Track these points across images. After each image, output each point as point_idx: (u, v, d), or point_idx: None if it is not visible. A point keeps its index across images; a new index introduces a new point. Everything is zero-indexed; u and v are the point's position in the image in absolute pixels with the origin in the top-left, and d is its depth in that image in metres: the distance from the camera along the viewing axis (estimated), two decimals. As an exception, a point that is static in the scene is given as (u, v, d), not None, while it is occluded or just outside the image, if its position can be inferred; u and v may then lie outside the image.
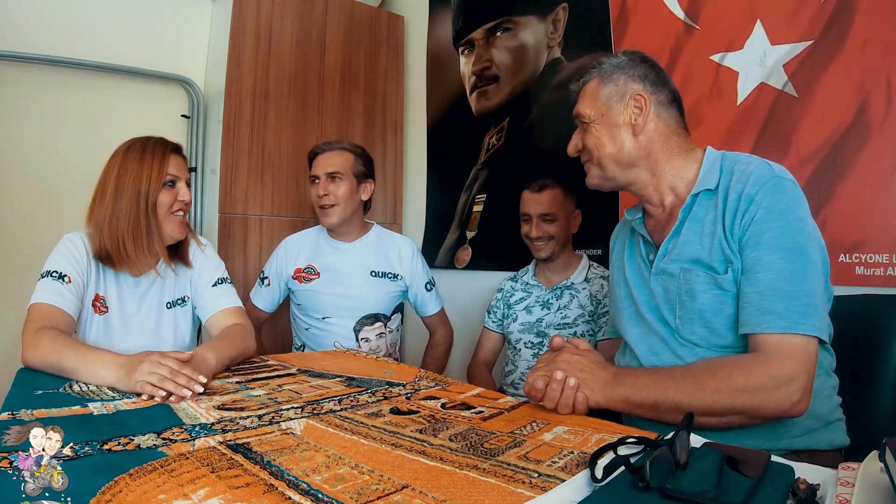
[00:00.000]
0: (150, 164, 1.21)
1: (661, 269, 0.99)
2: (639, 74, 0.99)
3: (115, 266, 1.23)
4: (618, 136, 1.00)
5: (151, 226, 1.21)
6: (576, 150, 1.07)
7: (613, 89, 1.00)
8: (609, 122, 1.00)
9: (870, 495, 0.47)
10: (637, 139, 0.99)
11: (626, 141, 0.99)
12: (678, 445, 0.56)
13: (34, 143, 2.18)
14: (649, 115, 0.98)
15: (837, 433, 0.92)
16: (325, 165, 1.74)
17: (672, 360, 0.96)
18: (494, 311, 1.85)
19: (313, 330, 1.79)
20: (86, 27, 2.29)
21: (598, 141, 1.01)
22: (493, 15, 2.28)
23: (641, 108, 0.98)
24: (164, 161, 1.23)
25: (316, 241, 1.83)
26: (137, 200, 1.19)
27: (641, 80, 0.99)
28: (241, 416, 0.80)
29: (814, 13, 1.35)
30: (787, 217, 0.86)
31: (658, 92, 0.99)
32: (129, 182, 1.19)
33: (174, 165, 1.25)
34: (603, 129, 1.01)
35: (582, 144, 1.05)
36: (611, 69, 1.01)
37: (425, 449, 0.67)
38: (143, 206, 1.20)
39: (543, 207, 1.68)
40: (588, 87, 1.04)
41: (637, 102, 0.98)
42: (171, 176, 1.24)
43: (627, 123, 0.99)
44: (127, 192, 1.19)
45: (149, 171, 1.20)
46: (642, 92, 0.98)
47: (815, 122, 1.35)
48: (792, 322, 0.82)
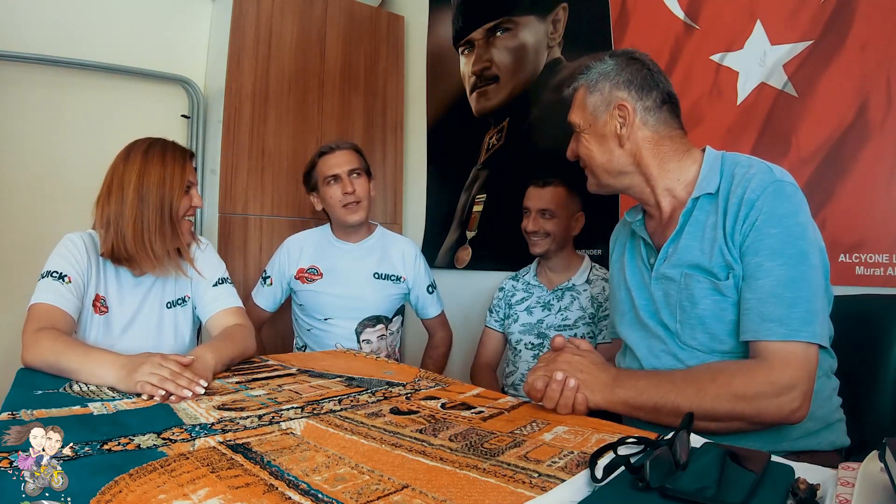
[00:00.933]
0: (172, 169, 1.22)
1: (661, 273, 0.98)
2: (624, 80, 0.98)
3: (131, 266, 1.24)
4: (605, 146, 1.00)
5: (175, 230, 1.22)
6: (573, 155, 1.07)
7: (599, 98, 1.00)
8: (597, 132, 1.00)
9: (870, 495, 0.47)
10: (624, 149, 0.99)
11: (615, 150, 0.99)
12: (678, 445, 0.56)
13: (34, 144, 2.18)
14: (634, 124, 0.97)
15: (838, 434, 0.92)
16: (344, 163, 1.73)
17: (672, 363, 0.95)
18: (496, 310, 1.84)
19: (315, 331, 1.79)
20: (86, 27, 2.29)
21: (588, 151, 1.02)
22: (493, 15, 2.28)
23: (625, 118, 0.97)
24: (185, 167, 1.24)
25: (319, 242, 1.83)
26: (161, 204, 1.20)
27: (627, 87, 0.98)
28: (241, 416, 0.80)
29: (814, 13, 1.35)
30: (788, 222, 0.86)
31: (645, 97, 0.98)
32: (154, 185, 1.19)
33: (191, 171, 1.27)
34: (592, 138, 1.01)
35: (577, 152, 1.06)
36: (596, 77, 1.01)
37: (425, 449, 0.67)
38: (168, 210, 1.21)
39: (543, 203, 1.68)
40: (577, 95, 1.04)
41: (621, 112, 0.97)
42: (189, 182, 1.25)
43: (613, 134, 0.99)
44: (151, 195, 1.19)
45: (171, 177, 1.21)
46: (626, 100, 0.97)
47: (815, 122, 1.35)
48: (792, 329, 0.82)
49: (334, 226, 1.84)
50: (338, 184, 1.72)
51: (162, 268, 1.25)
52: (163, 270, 1.26)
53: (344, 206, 1.72)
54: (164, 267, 1.25)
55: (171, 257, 1.26)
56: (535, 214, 1.69)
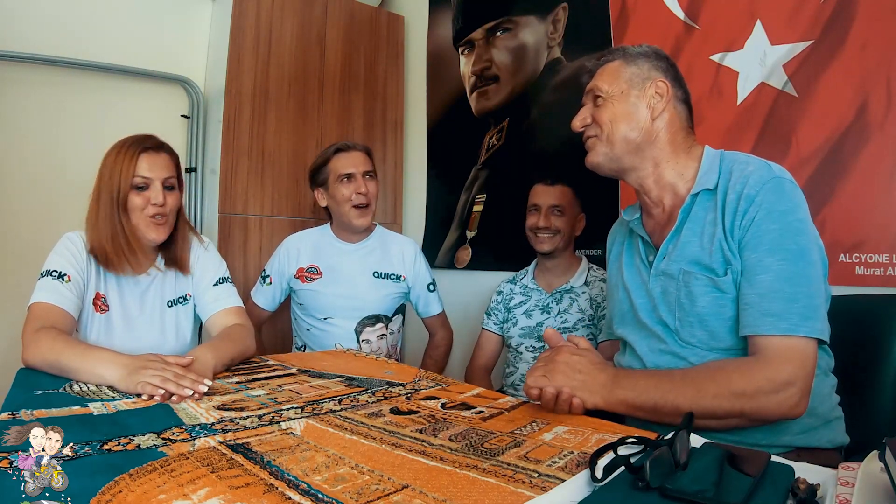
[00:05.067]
0: (120, 164, 1.18)
1: (660, 270, 0.98)
2: (662, 66, 1.01)
3: (107, 266, 1.23)
4: (634, 115, 0.99)
5: (125, 228, 1.20)
6: (583, 123, 1.05)
7: (636, 71, 1.01)
8: (628, 101, 1.00)
9: (870, 495, 0.47)
10: (653, 123, 0.99)
11: (641, 121, 0.99)
12: (678, 445, 0.56)
13: (34, 143, 2.18)
14: (669, 103, 0.99)
15: (837, 431, 0.93)
16: (360, 164, 1.73)
17: (672, 361, 0.95)
18: (494, 313, 1.84)
19: (314, 331, 1.79)
20: (86, 27, 2.29)
21: (613, 116, 1.00)
22: (493, 15, 2.28)
23: (662, 95, 0.99)
24: (133, 161, 1.18)
25: (319, 241, 1.83)
26: (111, 201, 1.18)
27: (664, 72, 1.01)
28: (241, 416, 0.80)
29: (814, 13, 1.35)
30: (788, 218, 0.86)
31: (676, 87, 1.01)
32: (105, 183, 1.19)
33: (146, 167, 1.19)
34: (620, 105, 1.00)
35: (591, 119, 1.03)
36: (635, 54, 1.02)
37: (425, 449, 0.67)
38: (116, 208, 1.18)
39: (554, 199, 1.69)
40: (610, 65, 1.04)
41: (659, 89, 0.99)
42: (142, 178, 1.19)
43: (647, 106, 0.99)
44: (104, 194, 1.18)
45: (118, 172, 1.18)
46: (665, 81, 1.00)
47: (815, 122, 1.35)
48: (792, 324, 0.82)
49: (335, 225, 1.84)
50: (351, 182, 1.72)
51: (127, 268, 1.23)
52: (135, 269, 1.24)
53: (354, 207, 1.72)
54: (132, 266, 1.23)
55: (142, 256, 1.24)
56: (546, 210, 1.69)
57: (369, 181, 1.73)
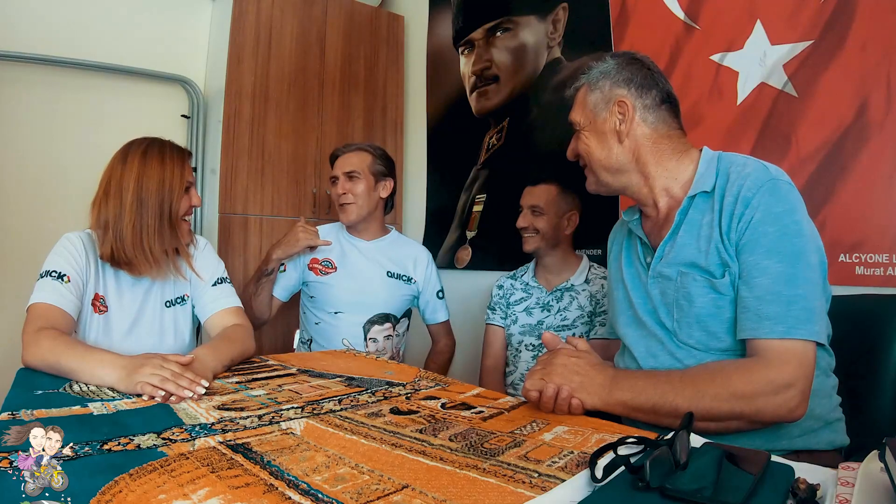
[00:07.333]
0: (171, 170, 1.21)
1: (658, 272, 0.98)
2: (624, 79, 0.99)
3: (130, 269, 1.22)
4: (605, 143, 1.01)
5: (174, 231, 1.22)
6: (573, 155, 1.08)
7: (599, 96, 1.01)
8: (596, 129, 1.01)
9: (870, 495, 0.47)
10: (623, 145, 0.99)
11: (614, 147, 1.00)
12: (678, 445, 0.56)
13: (34, 144, 2.18)
14: (633, 120, 0.98)
15: (837, 433, 0.92)
16: (343, 165, 1.80)
17: (670, 363, 0.95)
18: (498, 307, 1.84)
19: (323, 325, 1.79)
20: (86, 27, 2.29)
21: (588, 148, 1.03)
22: (493, 15, 2.28)
23: (625, 115, 0.98)
24: (184, 168, 1.23)
25: (335, 237, 1.85)
26: (161, 206, 1.19)
27: (626, 85, 0.99)
28: (241, 416, 0.80)
29: (814, 13, 1.35)
30: (785, 220, 0.86)
31: (644, 95, 0.99)
32: (153, 188, 1.19)
33: (189, 171, 1.26)
34: (592, 136, 1.02)
35: (577, 151, 1.06)
36: (597, 76, 1.02)
37: (425, 449, 0.67)
38: (167, 212, 1.20)
39: (533, 200, 1.73)
40: (578, 94, 1.05)
41: (620, 108, 0.99)
42: (188, 182, 1.25)
43: (613, 130, 1.00)
44: (151, 198, 1.19)
45: (170, 179, 1.20)
46: (626, 97, 0.98)
47: (815, 122, 1.35)
48: (790, 327, 0.82)
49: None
50: (336, 185, 1.81)
51: (160, 270, 1.24)
52: (160, 274, 1.25)
53: (339, 206, 1.81)
54: (162, 269, 1.24)
55: (170, 259, 1.25)
56: (527, 211, 1.73)
57: (348, 181, 1.78)
